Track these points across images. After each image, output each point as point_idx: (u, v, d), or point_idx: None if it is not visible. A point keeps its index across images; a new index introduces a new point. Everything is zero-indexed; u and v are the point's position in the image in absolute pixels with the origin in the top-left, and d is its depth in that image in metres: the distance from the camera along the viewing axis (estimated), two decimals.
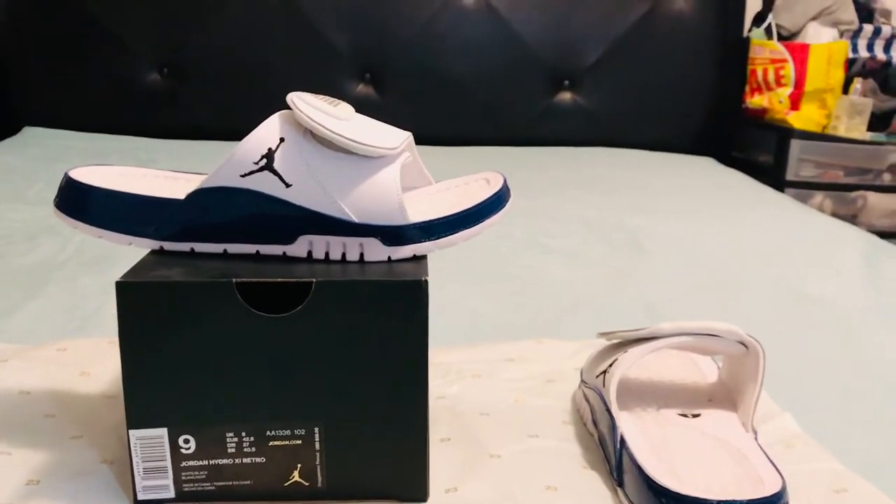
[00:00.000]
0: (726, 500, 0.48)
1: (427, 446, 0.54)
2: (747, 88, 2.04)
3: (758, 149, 1.98)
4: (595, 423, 0.63)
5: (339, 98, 0.59)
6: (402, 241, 0.55)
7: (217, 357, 0.52)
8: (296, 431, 0.53)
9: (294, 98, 0.55)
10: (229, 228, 0.55)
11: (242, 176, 0.54)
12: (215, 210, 0.55)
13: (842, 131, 1.88)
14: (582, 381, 0.68)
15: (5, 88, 1.92)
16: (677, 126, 2.04)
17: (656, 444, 0.58)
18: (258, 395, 0.53)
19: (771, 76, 1.94)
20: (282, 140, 0.54)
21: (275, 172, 0.54)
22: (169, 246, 0.56)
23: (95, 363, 0.73)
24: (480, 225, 0.57)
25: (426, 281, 0.51)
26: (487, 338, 0.84)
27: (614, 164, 1.82)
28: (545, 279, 1.04)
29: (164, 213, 0.55)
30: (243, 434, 0.53)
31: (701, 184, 1.68)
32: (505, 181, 0.60)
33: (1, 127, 1.90)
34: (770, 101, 1.95)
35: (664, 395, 0.66)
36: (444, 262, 0.55)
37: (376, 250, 0.55)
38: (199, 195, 0.55)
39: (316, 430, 0.53)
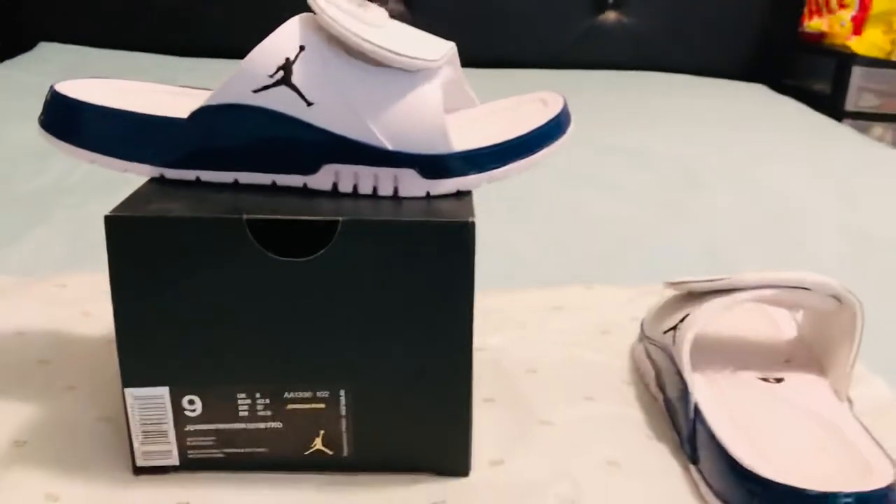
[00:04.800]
0: (831, 493, 0.40)
1: (470, 414, 0.47)
2: (805, 10, 1.89)
3: (813, 76, 1.85)
4: (660, 386, 0.55)
5: None
6: (444, 174, 0.46)
7: (226, 306, 0.44)
8: (318, 394, 0.46)
9: None
10: (240, 154, 0.47)
11: (255, 91, 0.45)
12: (223, 132, 0.46)
13: None
14: (643, 335, 0.60)
15: (18, 2, 1.82)
16: (728, 49, 1.90)
17: (736, 414, 0.50)
18: (274, 351, 0.45)
19: None
20: (302, 48, 0.45)
21: (293, 88, 0.45)
22: (171, 174, 0.48)
23: (98, 301, 0.65)
24: (537, 155, 0.49)
25: (473, 223, 0.43)
26: (528, 281, 0.76)
27: (661, 89, 1.69)
28: (590, 215, 0.95)
29: (165, 135, 0.47)
30: (257, 395, 0.46)
31: (755, 112, 1.56)
32: (565, 103, 0.51)
33: (15, 42, 1.81)
34: (830, 24, 1.81)
35: (739, 355, 0.57)
36: (475, 194, 0.47)
37: (413, 184, 0.46)
38: (204, 114, 0.46)
39: (341, 392, 0.46)
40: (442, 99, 0.46)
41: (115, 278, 0.43)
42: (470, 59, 1.75)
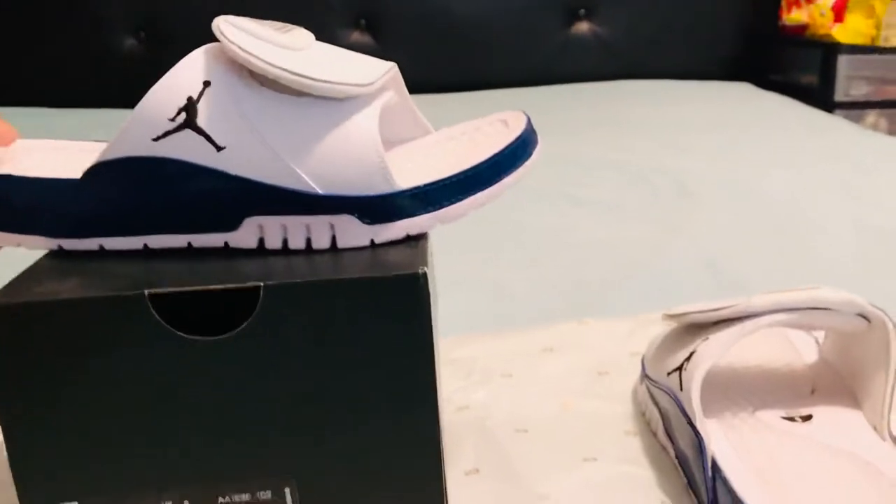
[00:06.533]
0: None
1: (444, 496, 0.39)
2: (783, 3, 1.84)
3: (799, 69, 1.79)
4: (669, 435, 0.48)
5: None
6: (390, 217, 0.39)
7: (137, 400, 0.36)
8: (259, 495, 0.38)
9: (221, 25, 0.39)
10: (146, 215, 0.39)
11: (155, 140, 0.38)
12: (124, 191, 0.39)
13: (894, 41, 1.68)
14: (645, 375, 0.53)
15: None
16: (708, 50, 1.85)
17: (761, 467, 0.42)
18: (200, 447, 0.37)
19: None
20: (206, 84, 0.38)
21: (199, 131, 0.38)
22: (69, 244, 0.40)
23: None
24: (499, 184, 0.41)
25: (425, 274, 0.36)
26: (515, 319, 0.68)
27: (642, 97, 1.63)
28: (579, 239, 0.88)
29: (58, 200, 0.40)
30: (185, 503, 0.38)
31: (742, 112, 1.50)
32: (529, 121, 0.44)
33: None
34: (810, 14, 1.75)
35: (758, 390, 0.50)
36: (450, 224, 0.40)
37: (354, 232, 0.39)
38: (99, 171, 0.39)
39: (287, 490, 0.38)
40: (378, 128, 0.39)
41: (0, 380, 0.36)
42: (443, 83, 1.70)
